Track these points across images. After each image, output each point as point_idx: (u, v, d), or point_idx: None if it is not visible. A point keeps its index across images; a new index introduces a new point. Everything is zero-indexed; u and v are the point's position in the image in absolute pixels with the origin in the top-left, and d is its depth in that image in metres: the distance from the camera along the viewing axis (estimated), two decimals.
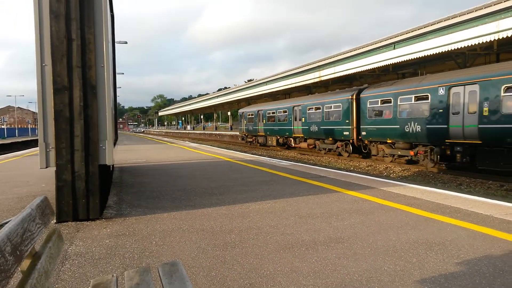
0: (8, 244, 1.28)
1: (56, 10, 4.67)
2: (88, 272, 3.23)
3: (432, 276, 3.00)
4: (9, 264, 1.23)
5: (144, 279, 1.97)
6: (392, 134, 16.91)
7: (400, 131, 16.37)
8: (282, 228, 4.41)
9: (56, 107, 4.70)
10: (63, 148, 4.75)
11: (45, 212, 1.86)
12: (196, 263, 3.38)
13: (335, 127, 20.97)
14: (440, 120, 14.31)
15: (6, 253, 1.24)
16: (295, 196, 6.30)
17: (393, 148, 17.25)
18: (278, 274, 3.10)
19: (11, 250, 1.28)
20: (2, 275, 1.15)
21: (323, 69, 30.71)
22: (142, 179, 8.83)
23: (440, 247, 3.66)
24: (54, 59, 4.68)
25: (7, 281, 1.18)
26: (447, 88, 14.03)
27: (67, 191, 4.80)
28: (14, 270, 1.26)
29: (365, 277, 3.00)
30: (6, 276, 1.18)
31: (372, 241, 3.87)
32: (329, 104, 21.73)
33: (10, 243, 1.30)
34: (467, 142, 13.30)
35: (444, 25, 19.79)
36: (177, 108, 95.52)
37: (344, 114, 20.33)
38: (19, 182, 8.61)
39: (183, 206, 5.71)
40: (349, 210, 5.21)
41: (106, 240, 4.10)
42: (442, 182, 13.29)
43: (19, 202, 6.21)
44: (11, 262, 1.25)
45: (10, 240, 1.31)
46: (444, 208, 5.21)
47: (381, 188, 6.79)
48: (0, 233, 1.29)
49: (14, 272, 1.26)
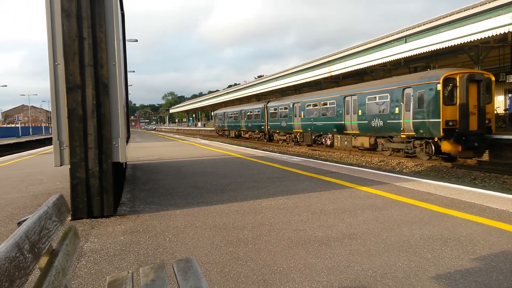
0: (26, 242, 1.29)
1: (67, 9, 4.71)
2: (104, 269, 3.27)
3: (447, 272, 2.97)
4: (28, 262, 1.24)
5: (159, 276, 1.99)
6: (288, 126, 29.72)
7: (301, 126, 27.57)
8: (295, 224, 4.40)
9: (69, 106, 4.75)
10: (77, 146, 4.80)
11: (61, 209, 1.89)
12: (209, 260, 3.40)
13: (259, 123, 35.81)
14: (340, 118, 22.35)
15: (25, 251, 1.25)
16: (307, 192, 6.28)
17: (289, 134, 30.27)
18: (291, 270, 3.09)
19: (29, 247, 1.30)
20: (21, 272, 1.16)
21: (334, 64, 30.47)
22: (154, 176, 8.90)
23: (455, 243, 3.62)
24: (67, 58, 4.73)
25: (26, 278, 1.20)
26: (343, 97, 22.12)
27: (82, 189, 4.86)
28: (33, 267, 1.28)
29: (379, 273, 2.98)
30: (26, 273, 1.20)
31: (385, 237, 3.85)
32: (255, 109, 36.96)
33: (28, 240, 1.32)
34: (353, 132, 21.01)
35: (456, 17, 19.46)
36: (187, 105, 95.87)
37: (261, 116, 35.22)
38: (34, 180, 8.75)
39: (195, 203, 5.73)
40: (362, 206, 5.18)
41: (120, 237, 4.15)
42: (456, 177, 13.14)
43: (34, 200, 6.31)
44: (29, 259, 1.26)
45: (28, 238, 1.33)
46: (458, 203, 5.15)
47: (394, 184, 6.73)
48: (19, 231, 1.31)
49: (33, 269, 1.27)
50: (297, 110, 28.21)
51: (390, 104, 17.93)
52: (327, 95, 24.62)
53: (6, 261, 1.09)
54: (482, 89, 15.12)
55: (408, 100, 16.80)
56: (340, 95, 22.63)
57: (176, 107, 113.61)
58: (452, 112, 15.06)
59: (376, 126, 18.99)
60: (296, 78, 36.48)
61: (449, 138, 14.88)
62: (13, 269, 1.11)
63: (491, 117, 15.83)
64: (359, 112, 20.36)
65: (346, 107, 21.78)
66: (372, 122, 19.20)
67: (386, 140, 18.80)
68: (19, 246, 1.22)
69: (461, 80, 15.01)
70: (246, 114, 39.18)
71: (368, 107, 19.68)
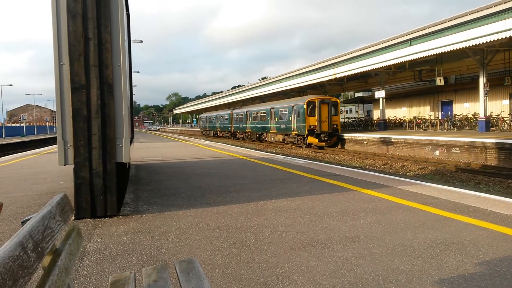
0: (30, 241, 1.30)
1: (73, 9, 4.73)
2: (106, 269, 3.27)
3: (450, 276, 2.95)
4: (31, 261, 1.25)
5: (162, 276, 1.99)
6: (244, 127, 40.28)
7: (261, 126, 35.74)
8: (298, 227, 4.40)
9: (74, 106, 4.77)
10: (81, 146, 4.82)
11: (65, 209, 1.89)
12: (212, 261, 3.40)
13: (227, 125, 46.72)
14: (263, 122, 34.46)
15: (29, 250, 1.26)
16: (310, 194, 6.27)
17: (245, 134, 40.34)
18: (293, 273, 3.09)
19: (33, 247, 1.30)
20: (25, 271, 1.17)
21: (338, 66, 30.45)
22: (157, 176, 8.92)
23: (458, 247, 3.60)
24: (72, 58, 4.75)
25: (30, 277, 1.20)
26: (269, 109, 33.48)
27: (85, 189, 4.87)
28: (36, 267, 1.28)
29: (382, 276, 2.97)
30: (29, 272, 1.20)
31: (389, 241, 3.83)
32: (225, 114, 47.59)
33: (32, 240, 1.32)
34: (274, 132, 31.95)
35: (461, 21, 19.40)
36: (191, 106, 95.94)
37: (229, 120, 45.69)
38: (38, 179, 8.79)
39: (198, 204, 5.74)
40: (365, 209, 5.16)
41: (123, 237, 4.16)
42: (460, 180, 13.07)
43: (38, 199, 6.33)
44: (33, 258, 1.27)
45: (32, 237, 1.33)
46: (462, 208, 5.12)
47: (398, 187, 6.71)
48: (22, 230, 1.32)
49: (36, 268, 1.28)
50: (248, 116, 39.20)
51: (288, 115, 29.74)
52: (263, 107, 36.46)
53: (10, 260, 1.09)
54: (330, 107, 27.03)
55: (294, 113, 28.48)
56: (267, 107, 34.66)
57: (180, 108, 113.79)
58: (313, 121, 26.69)
59: (283, 128, 30.81)
60: (300, 80, 36.46)
61: (311, 135, 26.61)
62: (16, 268, 1.11)
63: (337, 123, 27.73)
64: (276, 119, 32.10)
65: (270, 116, 33.45)
66: (281, 126, 31.03)
67: (287, 137, 30.39)
68: (23, 245, 1.23)
69: (317, 102, 26.79)
70: (219, 118, 50.46)
71: (279, 116, 31.38)
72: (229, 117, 45.75)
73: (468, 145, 16.98)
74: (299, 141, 28.25)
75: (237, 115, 43.07)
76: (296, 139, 28.64)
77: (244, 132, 40.65)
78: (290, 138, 29.61)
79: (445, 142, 18.25)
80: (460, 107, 32.39)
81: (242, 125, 41.03)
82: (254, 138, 37.43)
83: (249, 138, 39.05)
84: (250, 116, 38.25)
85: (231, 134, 45.89)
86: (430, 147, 19.09)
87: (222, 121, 48.81)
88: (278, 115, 31.45)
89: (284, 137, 30.84)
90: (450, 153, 17.88)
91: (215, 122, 52.41)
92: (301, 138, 27.84)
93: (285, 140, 30.86)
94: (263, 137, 35.53)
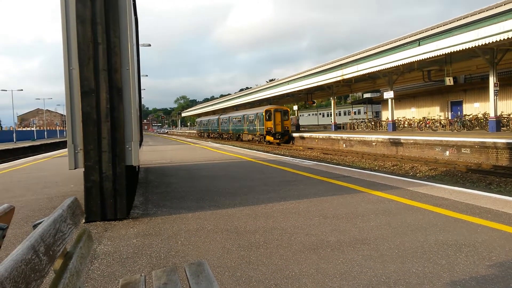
0: (41, 245, 1.31)
1: (82, 14, 4.78)
2: (117, 271, 3.29)
3: (462, 279, 2.91)
4: (43, 264, 1.26)
5: (172, 279, 1.99)
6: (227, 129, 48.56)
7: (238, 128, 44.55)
8: (307, 229, 4.38)
9: (83, 110, 4.82)
10: (91, 150, 4.86)
11: (76, 212, 1.91)
12: (221, 263, 3.40)
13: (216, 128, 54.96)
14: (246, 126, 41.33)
15: (40, 253, 1.27)
16: (319, 196, 6.25)
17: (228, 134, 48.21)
18: (303, 275, 3.08)
19: (44, 250, 1.32)
20: (37, 274, 1.18)
21: (346, 67, 30.34)
22: (166, 179, 8.95)
23: (470, 249, 3.56)
24: (81, 63, 4.80)
25: (42, 280, 1.21)
26: (243, 115, 42.75)
27: (96, 192, 4.91)
28: (48, 270, 1.30)
29: (393, 279, 2.95)
30: (41, 275, 1.21)
31: (399, 243, 3.80)
32: (214, 119, 56.22)
33: (44, 243, 1.34)
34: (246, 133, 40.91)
35: (470, 20, 19.23)
36: (199, 109, 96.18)
37: (217, 124, 54.48)
38: (49, 182, 8.88)
39: (207, 206, 5.75)
40: (375, 211, 5.13)
41: (133, 240, 4.18)
42: (471, 181, 12.93)
43: (49, 202, 6.40)
44: (44, 262, 1.28)
45: (43, 240, 1.35)
46: (473, 209, 5.06)
47: (408, 188, 6.65)
48: (34, 234, 1.33)
49: (48, 271, 1.29)
50: (230, 121, 48.27)
51: (254, 120, 38.80)
52: (239, 113, 45.63)
53: (22, 263, 1.10)
54: (282, 114, 36.34)
55: (258, 118, 37.72)
56: (242, 114, 43.87)
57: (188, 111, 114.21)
58: (270, 124, 35.76)
59: (251, 130, 39.74)
60: (308, 81, 36.38)
61: (268, 135, 35.60)
62: (29, 271, 1.12)
63: (288, 126, 36.29)
64: (247, 123, 41.22)
65: (243, 121, 42.46)
66: (250, 128, 40.05)
67: (254, 136, 39.12)
68: (35, 248, 1.24)
69: (273, 111, 36.37)
70: (210, 122, 60.05)
71: (249, 121, 40.33)
72: (217, 121, 55.14)
73: (479, 145, 16.79)
74: (261, 139, 37.06)
75: (223, 120, 51.94)
76: (259, 138, 37.73)
77: (228, 133, 49.30)
78: (256, 137, 38.86)
79: (455, 142, 18.07)
80: (470, 107, 32.06)
81: (227, 128, 49.88)
82: (235, 138, 46.35)
83: (232, 138, 47.65)
84: (231, 121, 47.65)
85: (219, 135, 54.08)
86: (440, 148, 18.92)
87: (212, 125, 57.99)
88: (248, 120, 40.84)
89: (252, 137, 39.94)
90: (461, 153, 17.70)
91: (207, 126, 62.11)
92: (262, 137, 36.79)
93: (253, 138, 39.77)
94: (241, 137, 44.18)
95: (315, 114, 74.19)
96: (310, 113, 76.77)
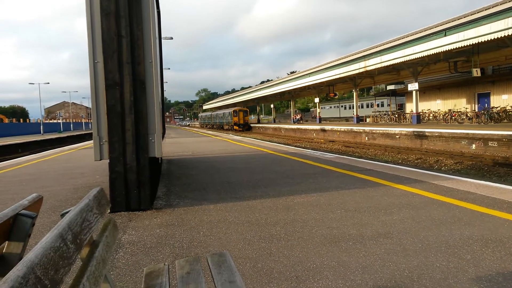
0: (69, 233, 1.35)
1: (106, 8, 4.85)
2: (141, 260, 3.37)
3: (488, 274, 2.85)
4: (70, 252, 1.29)
5: (194, 268, 2.02)
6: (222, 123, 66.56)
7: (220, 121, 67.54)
8: (328, 222, 4.36)
9: (108, 103, 4.91)
10: (116, 142, 4.96)
11: (101, 202, 1.95)
12: (242, 254, 3.42)
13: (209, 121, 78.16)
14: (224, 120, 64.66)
15: (68, 241, 1.30)
16: (341, 189, 6.20)
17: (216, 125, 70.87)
18: (324, 268, 3.07)
19: (72, 238, 1.35)
20: (65, 261, 1.21)
21: (369, 58, 29.81)
22: (188, 171, 9.06)
23: (497, 244, 3.46)
24: (106, 56, 4.88)
25: (70, 267, 1.25)
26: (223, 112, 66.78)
27: (120, 183, 5.02)
28: (75, 258, 1.33)
29: (416, 273, 2.91)
30: (69, 263, 1.25)
31: (423, 237, 3.74)
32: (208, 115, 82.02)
33: (71, 232, 1.37)
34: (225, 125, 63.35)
35: (499, 9, 18.52)
36: (220, 101, 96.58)
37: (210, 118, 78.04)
38: (75, 173, 9.12)
39: (228, 198, 5.79)
40: (398, 205, 5.05)
41: (156, 230, 4.26)
42: (497, 175, 12.57)
43: (75, 193, 6.58)
44: (72, 250, 1.32)
45: (71, 229, 1.38)
46: (501, 203, 4.92)
47: (432, 182, 6.52)
48: (62, 223, 1.37)
49: (75, 259, 1.32)
50: (218, 116, 68.43)
51: (228, 116, 60.12)
52: (223, 111, 66.21)
53: (51, 251, 1.14)
54: (244, 112, 59.08)
55: (230, 115, 58.93)
56: (223, 112, 65.16)
57: (209, 104, 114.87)
58: (236, 119, 58.02)
59: (226, 122, 61.18)
60: (330, 73, 35.97)
61: (236, 125, 57.31)
62: (57, 259, 1.16)
63: (247, 120, 59.34)
64: (224, 118, 62.66)
65: (223, 116, 63.88)
66: (225, 121, 62.20)
67: (228, 126, 59.60)
68: (63, 236, 1.28)
69: (238, 110, 58.86)
70: (207, 117, 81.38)
71: (226, 116, 62.05)
72: (210, 116, 76.78)
73: (507, 138, 16.27)
74: (231, 128, 57.14)
75: (216, 115, 71.42)
76: (230, 128, 57.94)
77: (216, 124, 69.70)
78: (229, 127, 58.96)
79: (482, 135, 17.57)
80: (498, 99, 31.05)
81: (215, 121, 71.44)
82: (219, 128, 65.93)
83: (218, 128, 66.87)
84: (218, 116, 68.71)
85: (212, 126, 73.17)
86: (466, 141, 18.43)
87: (209, 119, 78.27)
88: (225, 116, 62.22)
89: (227, 126, 59.96)
90: (487, 147, 17.21)
91: (205, 119, 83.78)
92: (231, 127, 57.21)
93: (228, 128, 59.55)
94: (222, 126, 64.10)
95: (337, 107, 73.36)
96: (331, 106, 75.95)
